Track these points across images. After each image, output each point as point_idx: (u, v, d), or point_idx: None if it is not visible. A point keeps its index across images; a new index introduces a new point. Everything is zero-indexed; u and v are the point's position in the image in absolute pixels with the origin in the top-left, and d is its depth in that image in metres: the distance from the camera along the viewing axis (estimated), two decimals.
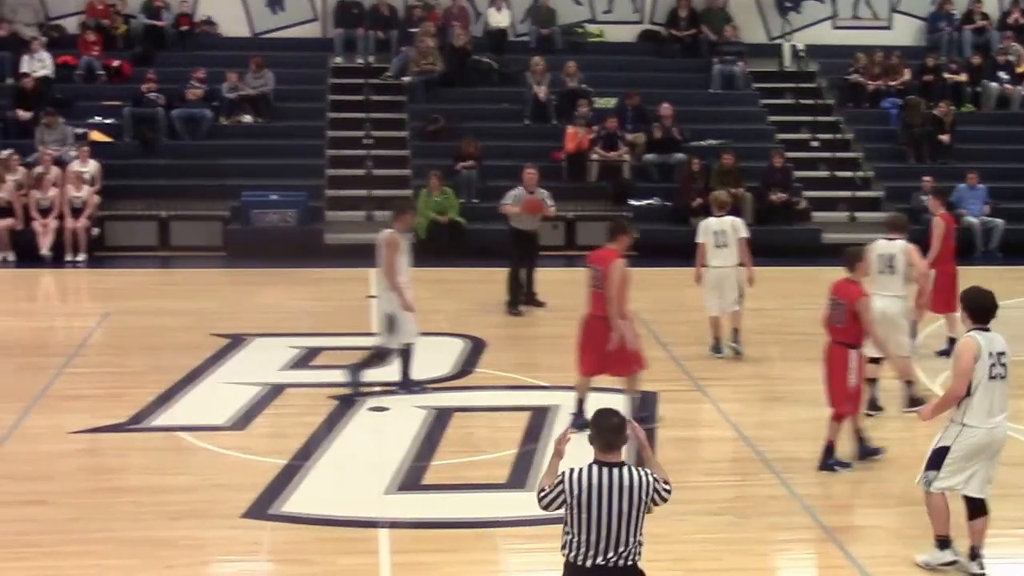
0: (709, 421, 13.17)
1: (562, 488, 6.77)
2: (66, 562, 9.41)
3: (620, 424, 6.82)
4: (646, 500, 6.77)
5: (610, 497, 6.70)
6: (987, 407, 8.97)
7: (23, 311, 18.93)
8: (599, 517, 6.71)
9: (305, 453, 11.88)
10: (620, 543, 6.74)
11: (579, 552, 6.78)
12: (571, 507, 6.75)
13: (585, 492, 6.72)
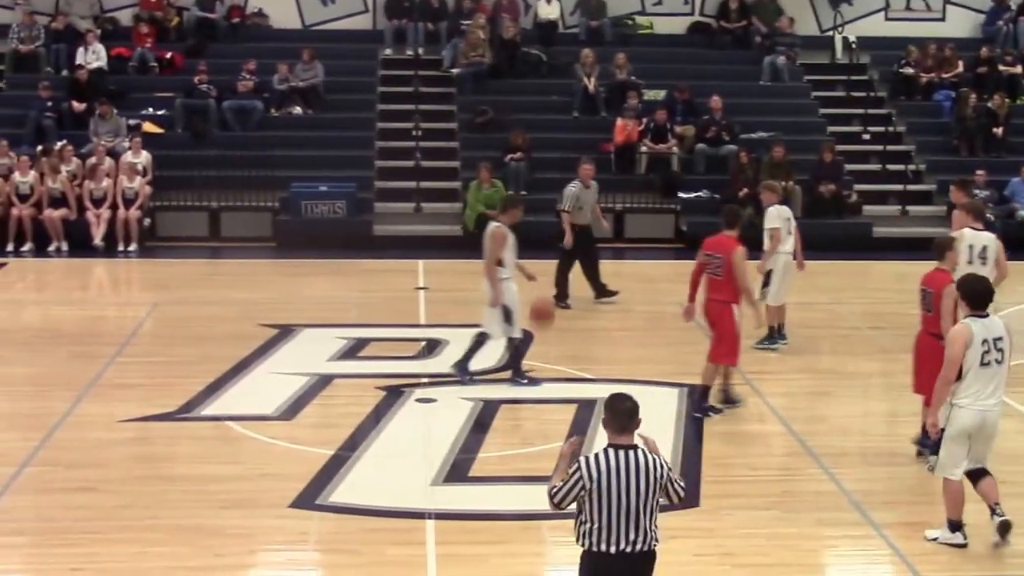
0: (757, 415, 13.10)
1: (579, 476, 6.79)
2: (116, 549, 9.49)
3: (634, 408, 6.91)
4: (662, 483, 6.84)
5: (628, 478, 6.75)
6: (976, 390, 9.22)
7: (76, 300, 19.09)
8: (619, 499, 6.74)
9: (352, 444, 11.92)
10: (640, 526, 6.78)
11: (600, 539, 6.80)
12: (590, 493, 6.76)
13: (604, 475, 6.75)
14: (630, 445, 6.83)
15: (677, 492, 6.98)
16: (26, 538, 9.81)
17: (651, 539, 6.85)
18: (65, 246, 21.92)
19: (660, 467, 6.86)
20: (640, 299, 18.40)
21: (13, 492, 10.64)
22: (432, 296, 18.59)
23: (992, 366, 9.24)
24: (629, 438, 6.86)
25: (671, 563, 9.31)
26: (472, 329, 14.24)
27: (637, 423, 6.92)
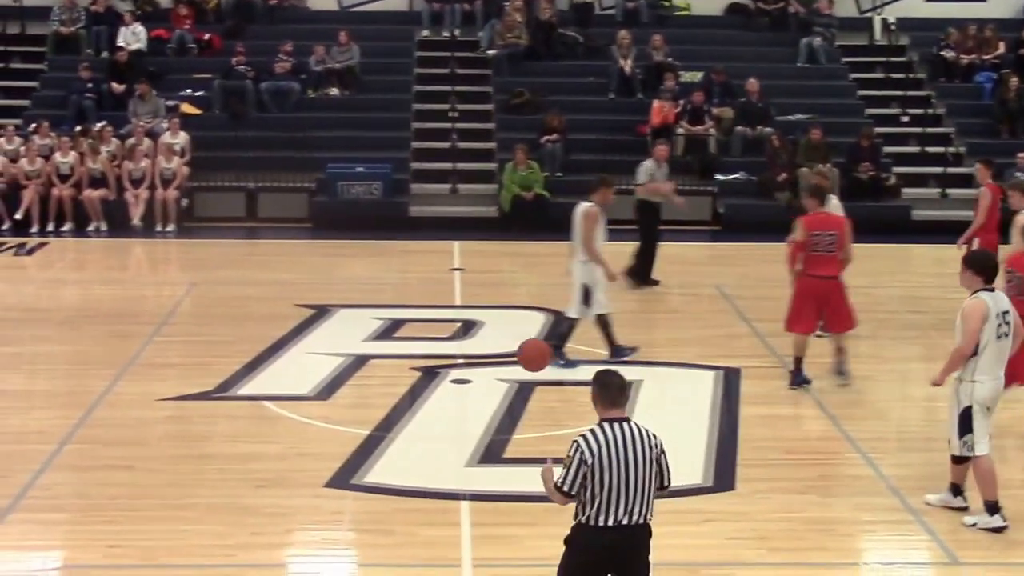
0: (794, 399, 13.05)
1: (581, 454, 6.77)
2: (153, 526, 9.56)
3: (623, 382, 6.94)
4: (656, 453, 6.86)
5: (625, 449, 6.77)
6: (993, 362, 9.44)
7: (114, 280, 19.21)
8: (618, 471, 6.75)
9: (388, 424, 11.95)
10: (638, 498, 6.80)
11: (600, 512, 6.79)
12: (592, 468, 6.75)
13: (604, 448, 6.76)
14: (623, 418, 6.88)
15: (668, 475, 6.99)
16: (65, 515, 9.89)
17: (648, 512, 6.88)
18: (104, 226, 22.07)
19: (654, 438, 6.89)
20: (677, 282, 18.35)
21: (53, 469, 10.73)
22: (467, 277, 18.60)
23: (1003, 339, 9.47)
24: (621, 411, 6.90)
25: (706, 546, 9.36)
26: (506, 310, 14.26)
27: (626, 397, 6.98)
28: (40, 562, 9.15)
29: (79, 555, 9.20)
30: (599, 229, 13.73)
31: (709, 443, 11.56)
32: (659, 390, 13.29)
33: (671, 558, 9.24)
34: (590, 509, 6.80)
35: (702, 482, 10.71)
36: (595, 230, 13.66)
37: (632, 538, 6.86)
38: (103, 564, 8.97)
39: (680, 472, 10.72)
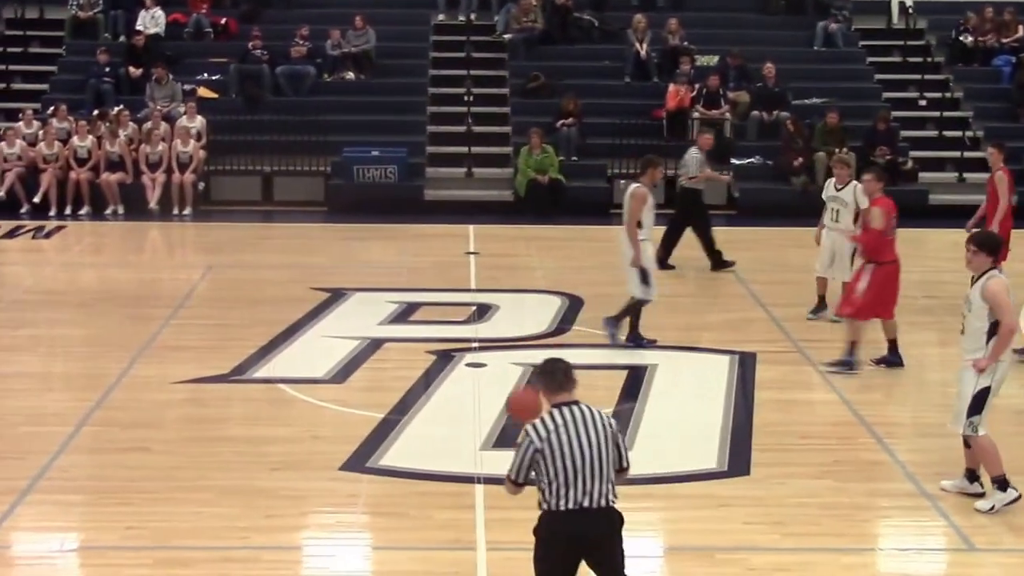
0: (809, 384, 13.04)
1: (529, 441, 6.84)
2: (169, 508, 9.60)
3: (566, 366, 6.97)
4: (612, 436, 6.89)
5: (576, 431, 6.80)
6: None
7: (131, 263, 19.26)
8: (571, 452, 6.77)
9: (403, 407, 11.98)
10: (595, 480, 6.80)
11: (558, 497, 6.82)
12: (543, 454, 6.79)
13: (553, 433, 6.80)
14: (572, 401, 6.89)
15: (626, 455, 7.01)
16: (82, 496, 9.94)
17: (609, 494, 6.87)
18: (121, 210, 22.12)
19: (607, 419, 6.91)
20: (694, 266, 18.33)
21: (70, 451, 10.78)
22: (483, 261, 18.61)
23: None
24: (569, 395, 6.91)
25: (721, 531, 9.37)
26: (521, 294, 14.23)
27: (573, 381, 6.96)
28: (58, 543, 9.20)
29: (96, 536, 9.25)
30: (647, 210, 13.70)
31: (724, 428, 11.56)
32: (674, 375, 13.30)
33: (686, 543, 9.30)
34: (549, 495, 6.84)
35: (717, 467, 10.72)
36: (642, 211, 13.67)
37: (596, 522, 6.86)
38: (119, 545, 9.02)
39: (695, 457, 10.89)
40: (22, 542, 9.25)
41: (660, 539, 9.58)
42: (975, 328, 9.55)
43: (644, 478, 10.39)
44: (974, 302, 9.52)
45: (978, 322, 9.52)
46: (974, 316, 9.53)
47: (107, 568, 8.69)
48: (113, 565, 8.72)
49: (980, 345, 9.51)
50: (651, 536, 9.61)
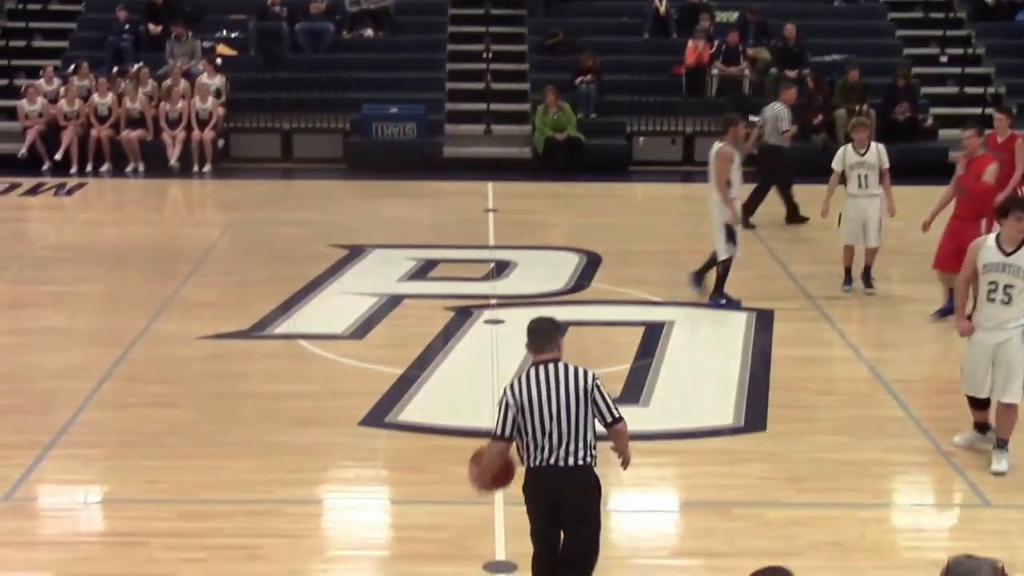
0: (826, 341, 13.09)
1: (505, 400, 6.92)
2: (191, 463, 9.72)
3: (550, 327, 7.11)
4: (589, 392, 6.87)
5: (548, 389, 6.84)
6: None
7: (152, 220, 19.38)
8: (542, 411, 6.83)
9: (422, 363, 12.06)
10: (567, 438, 6.83)
11: (534, 453, 6.89)
12: (520, 412, 6.86)
13: (527, 391, 6.87)
14: (551, 359, 6.94)
15: (611, 410, 6.97)
16: (105, 450, 10.07)
17: (584, 454, 6.87)
18: (142, 167, 22.20)
19: (585, 376, 6.90)
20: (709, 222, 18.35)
21: (93, 406, 10.91)
22: (501, 218, 18.66)
23: None
24: (549, 355, 6.96)
25: (737, 486, 9.44)
26: (539, 251, 14.26)
27: (555, 341, 7.03)
28: (82, 496, 9.34)
29: (119, 489, 9.39)
30: (735, 169, 13.77)
31: (741, 384, 11.62)
32: (691, 331, 13.36)
33: (702, 498, 9.38)
34: (524, 452, 6.93)
35: (733, 423, 10.78)
36: (729, 170, 13.70)
37: (561, 481, 6.87)
38: (142, 498, 9.15)
39: (712, 413, 10.96)
40: (47, 495, 9.38)
41: (676, 494, 9.67)
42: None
43: (661, 433, 10.51)
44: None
45: None
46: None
47: (130, 520, 8.82)
48: (136, 518, 8.85)
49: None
50: (667, 491, 9.70)
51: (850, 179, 14.38)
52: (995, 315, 9.35)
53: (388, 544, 8.71)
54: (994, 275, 9.31)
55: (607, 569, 8.15)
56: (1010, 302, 9.29)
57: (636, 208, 20.11)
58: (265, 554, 8.29)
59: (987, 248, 9.41)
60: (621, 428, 7.07)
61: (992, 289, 9.33)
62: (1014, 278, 9.25)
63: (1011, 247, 9.29)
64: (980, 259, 9.38)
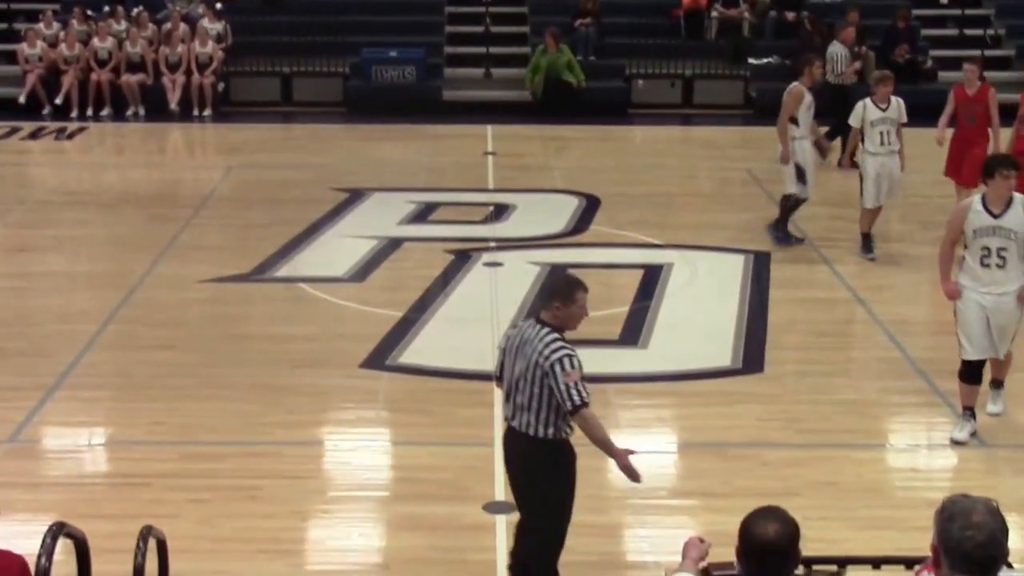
0: (824, 282, 13.14)
1: (501, 342, 6.81)
2: (193, 404, 9.81)
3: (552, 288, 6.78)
4: (542, 368, 6.42)
5: (519, 350, 6.57)
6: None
7: (153, 164, 19.39)
8: (512, 370, 6.62)
9: (421, 306, 12.13)
10: (527, 406, 6.53)
11: (504, 409, 6.75)
12: (503, 360, 6.71)
13: (508, 342, 6.70)
14: (538, 319, 6.60)
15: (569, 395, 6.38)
16: (109, 392, 10.17)
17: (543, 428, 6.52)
18: (142, 111, 22.18)
19: (544, 351, 6.42)
20: (708, 165, 18.41)
21: (96, 349, 10.99)
22: (500, 161, 18.67)
23: None
24: (541, 313, 6.62)
25: (735, 427, 9.52)
26: (538, 194, 14.25)
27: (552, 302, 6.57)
28: (85, 437, 9.43)
29: (122, 432, 9.47)
30: (804, 109, 13.79)
31: (739, 326, 11.69)
32: (689, 273, 13.41)
33: (700, 439, 9.46)
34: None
35: (731, 365, 10.86)
36: (798, 109, 13.75)
37: (519, 447, 6.67)
38: (145, 440, 9.24)
39: (710, 354, 11.04)
40: (50, 437, 9.49)
41: (674, 435, 9.75)
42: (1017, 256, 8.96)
43: (659, 375, 10.60)
44: (1018, 228, 8.87)
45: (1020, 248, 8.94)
46: (1016, 243, 8.89)
47: (134, 462, 8.91)
48: (140, 460, 8.94)
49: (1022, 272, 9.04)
50: (665, 432, 9.79)
51: (870, 136, 13.64)
52: (992, 279, 9.00)
53: (388, 485, 8.80)
54: (985, 240, 8.92)
55: (604, 510, 8.27)
56: (1005, 265, 8.96)
57: (635, 151, 20.11)
58: (267, 495, 8.39)
59: (975, 212, 8.93)
60: (581, 418, 6.45)
61: (985, 255, 8.95)
62: (1006, 240, 8.88)
63: (999, 208, 8.89)
64: (969, 224, 8.97)
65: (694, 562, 4.97)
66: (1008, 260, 8.95)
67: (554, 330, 6.52)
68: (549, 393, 6.44)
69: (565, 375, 6.38)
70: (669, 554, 5.91)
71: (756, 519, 4.45)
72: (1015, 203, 8.87)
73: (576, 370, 6.41)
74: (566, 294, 6.59)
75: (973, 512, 4.04)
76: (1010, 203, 8.88)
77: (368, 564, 7.71)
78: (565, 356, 6.41)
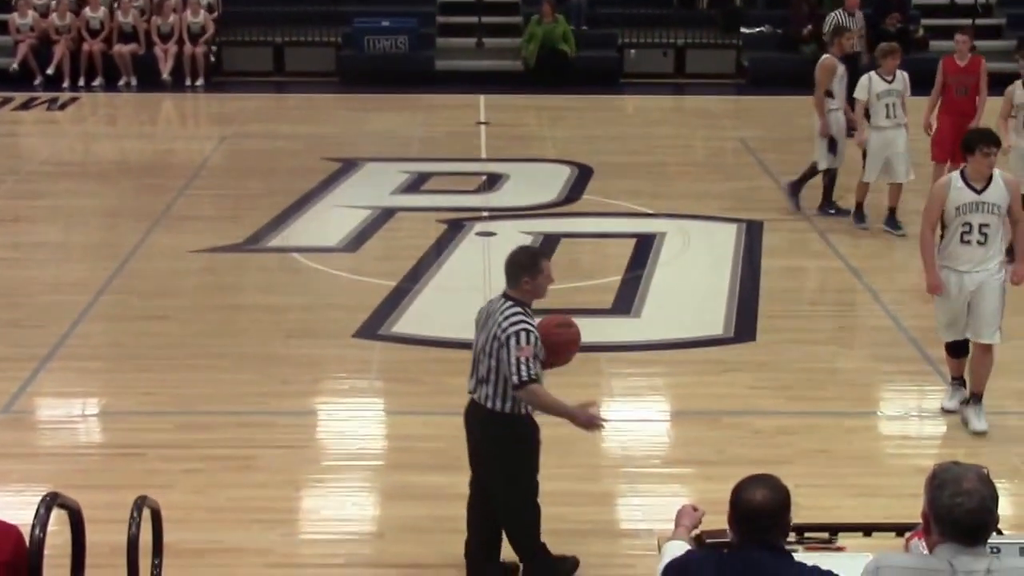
0: (816, 251, 13.17)
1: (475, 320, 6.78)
2: (187, 375, 9.83)
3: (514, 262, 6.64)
4: (499, 340, 6.45)
5: (483, 322, 6.66)
6: None
7: (145, 134, 19.37)
8: (476, 341, 6.70)
9: (415, 276, 12.15)
10: (487, 378, 6.55)
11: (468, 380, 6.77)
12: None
13: (479, 313, 6.77)
14: (505, 293, 6.61)
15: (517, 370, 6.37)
16: (102, 363, 10.18)
17: (500, 402, 6.54)
18: (134, 81, 22.10)
19: (502, 324, 6.44)
20: (701, 135, 18.41)
21: (89, 319, 11.00)
22: (493, 131, 18.65)
23: None
24: (507, 289, 6.61)
25: (728, 395, 9.57)
26: (531, 163, 14.26)
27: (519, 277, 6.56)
28: (79, 408, 9.46)
29: (116, 402, 9.49)
30: (838, 80, 13.81)
31: (731, 295, 11.72)
32: (682, 242, 13.43)
33: (692, 407, 9.51)
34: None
35: (724, 333, 10.90)
36: (832, 81, 13.78)
37: (478, 418, 6.71)
38: (139, 410, 9.27)
39: (702, 323, 11.08)
40: (44, 407, 9.50)
41: (667, 404, 9.79)
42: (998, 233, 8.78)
43: (652, 344, 10.64)
44: (1000, 203, 8.70)
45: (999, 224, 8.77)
46: (998, 219, 8.72)
47: (128, 432, 8.94)
48: (133, 429, 8.96)
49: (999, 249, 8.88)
50: (658, 401, 9.83)
51: (876, 109, 13.33)
52: (972, 256, 8.78)
53: (382, 454, 8.84)
54: (968, 216, 8.70)
55: (597, 478, 8.32)
56: (986, 242, 8.74)
57: (627, 120, 20.09)
58: (261, 464, 8.42)
59: (956, 189, 8.72)
60: (527, 393, 6.42)
61: (967, 231, 8.74)
62: (988, 216, 8.70)
63: (981, 184, 8.71)
64: (951, 201, 8.68)
65: (687, 529, 5.02)
66: (989, 236, 8.76)
67: (517, 304, 6.53)
68: (496, 369, 6.48)
69: (518, 349, 6.38)
70: (662, 522, 5.94)
71: (747, 486, 4.49)
72: (995, 178, 8.75)
73: (530, 346, 6.39)
74: (531, 266, 6.58)
75: (963, 479, 4.07)
76: (991, 179, 8.75)
77: (362, 533, 7.75)
78: (522, 330, 6.41)
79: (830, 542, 5.35)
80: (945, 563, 4.07)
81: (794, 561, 4.44)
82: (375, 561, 7.38)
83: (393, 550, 7.41)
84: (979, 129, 9.89)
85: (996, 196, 8.73)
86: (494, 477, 6.80)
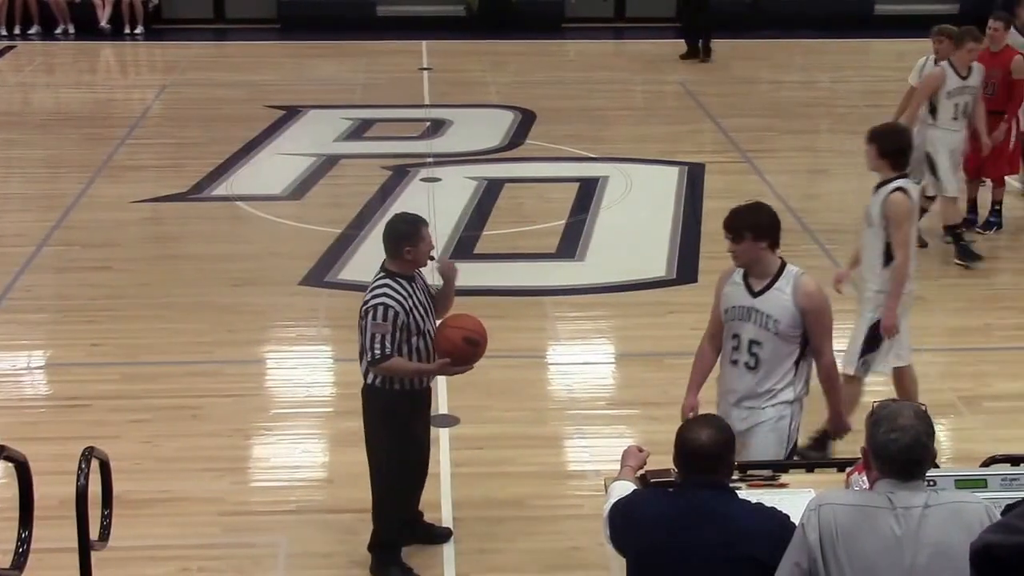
0: (755, 192, 13.17)
1: None
2: (133, 325, 9.85)
3: (391, 232, 6.50)
4: (361, 309, 6.40)
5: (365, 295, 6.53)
6: None
7: (85, 83, 19.13)
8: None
9: (359, 223, 12.17)
10: (362, 353, 6.49)
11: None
12: None
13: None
14: (382, 267, 6.54)
15: (371, 346, 6.32)
16: (47, 315, 10.17)
17: (362, 368, 6.51)
18: (72, 28, 21.81)
19: (369, 292, 6.39)
20: (641, 79, 18.45)
21: (33, 271, 10.97)
22: (436, 77, 18.61)
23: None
24: (388, 263, 6.49)
25: (669, 337, 9.68)
26: (474, 109, 14.20)
27: (398, 246, 6.43)
28: (25, 360, 9.45)
29: (62, 353, 9.50)
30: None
31: (673, 237, 11.85)
32: (624, 185, 13.52)
33: (637, 349, 9.64)
34: None
35: (666, 275, 11.03)
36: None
37: (362, 392, 6.69)
38: (86, 362, 9.28)
39: (645, 266, 11.20)
40: None
41: (611, 346, 9.93)
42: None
43: (596, 287, 10.76)
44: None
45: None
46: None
47: (75, 384, 8.96)
48: (80, 381, 8.99)
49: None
50: (602, 343, 9.96)
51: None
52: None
53: (331, 401, 8.91)
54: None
55: (544, 420, 8.44)
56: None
57: (569, 65, 20.08)
58: (208, 414, 8.48)
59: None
60: (383, 370, 6.40)
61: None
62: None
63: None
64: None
65: (632, 470, 5.12)
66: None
67: (389, 276, 6.39)
68: (364, 332, 6.35)
69: (374, 324, 6.28)
70: (608, 463, 6.05)
71: (691, 426, 4.61)
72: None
73: (387, 322, 6.27)
74: (413, 235, 6.42)
75: (899, 416, 4.19)
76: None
77: (312, 479, 7.84)
78: (380, 304, 6.29)
79: (773, 479, 5.47)
80: (884, 498, 4.19)
81: (738, 498, 4.56)
82: (326, 507, 7.48)
83: (344, 495, 7.51)
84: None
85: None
86: (366, 448, 6.73)
